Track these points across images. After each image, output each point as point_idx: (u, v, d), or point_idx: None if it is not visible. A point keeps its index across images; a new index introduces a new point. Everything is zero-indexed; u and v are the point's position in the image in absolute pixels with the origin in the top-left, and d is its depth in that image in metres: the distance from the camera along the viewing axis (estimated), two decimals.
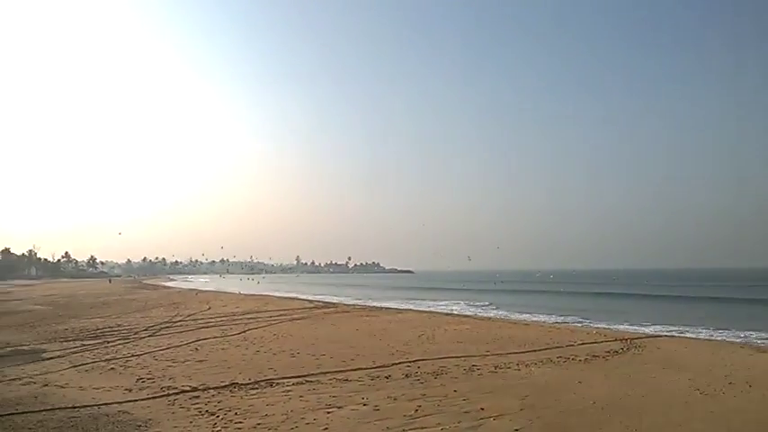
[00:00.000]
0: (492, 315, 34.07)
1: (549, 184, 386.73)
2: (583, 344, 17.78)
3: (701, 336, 23.03)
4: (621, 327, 25.88)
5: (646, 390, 11.09)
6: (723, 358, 15.25)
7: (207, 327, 24.13)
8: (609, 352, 16.12)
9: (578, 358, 14.85)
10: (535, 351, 16.02)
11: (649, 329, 24.79)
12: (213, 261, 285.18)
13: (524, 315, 33.57)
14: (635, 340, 19.02)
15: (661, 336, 21.65)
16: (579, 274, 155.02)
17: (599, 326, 26.05)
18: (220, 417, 9.12)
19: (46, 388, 11.68)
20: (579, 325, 27.01)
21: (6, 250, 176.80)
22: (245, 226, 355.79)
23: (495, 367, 13.39)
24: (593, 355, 15.36)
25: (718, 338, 22.07)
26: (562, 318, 31.42)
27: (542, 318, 31.53)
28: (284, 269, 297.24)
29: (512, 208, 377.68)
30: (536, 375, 12.50)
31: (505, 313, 35.93)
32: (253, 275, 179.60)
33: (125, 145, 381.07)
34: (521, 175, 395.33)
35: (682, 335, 22.90)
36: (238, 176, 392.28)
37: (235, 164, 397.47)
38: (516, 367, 13.43)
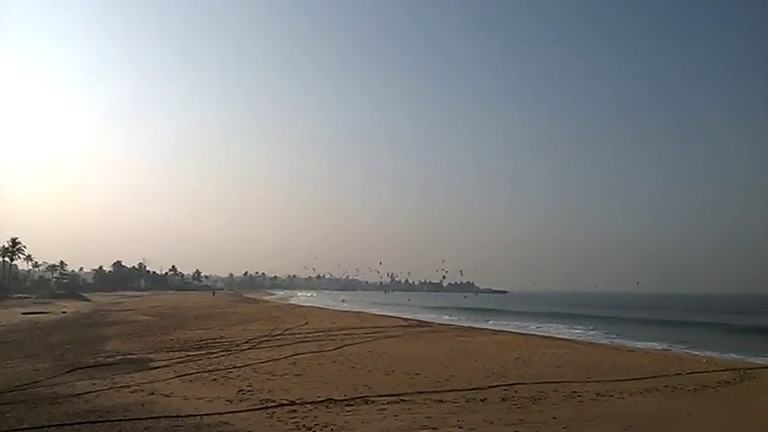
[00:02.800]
0: (593, 340, 32.76)
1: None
2: (692, 373, 16.81)
3: None
4: (732, 356, 24.14)
5: (763, 423, 10.35)
6: None
7: (304, 341, 24.65)
8: (720, 382, 15.19)
9: (687, 388, 14.05)
10: (640, 379, 15.26)
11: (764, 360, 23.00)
12: (309, 277, 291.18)
13: (627, 341, 32.10)
14: (749, 370, 17.77)
15: None
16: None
17: (708, 354, 24.48)
18: None
19: (152, 396, 12.26)
20: (686, 352, 25.48)
21: (118, 263, 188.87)
22: (337, 242, 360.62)
23: (597, 394, 12.85)
24: (704, 386, 14.49)
25: None
26: (668, 345, 29.70)
27: (647, 344, 29.95)
28: (378, 287, 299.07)
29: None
30: (641, 405, 11.91)
31: (607, 338, 34.53)
32: (347, 292, 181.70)
33: (226, 168, 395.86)
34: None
35: None
36: (330, 195, 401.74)
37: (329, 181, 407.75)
38: (620, 395, 12.84)
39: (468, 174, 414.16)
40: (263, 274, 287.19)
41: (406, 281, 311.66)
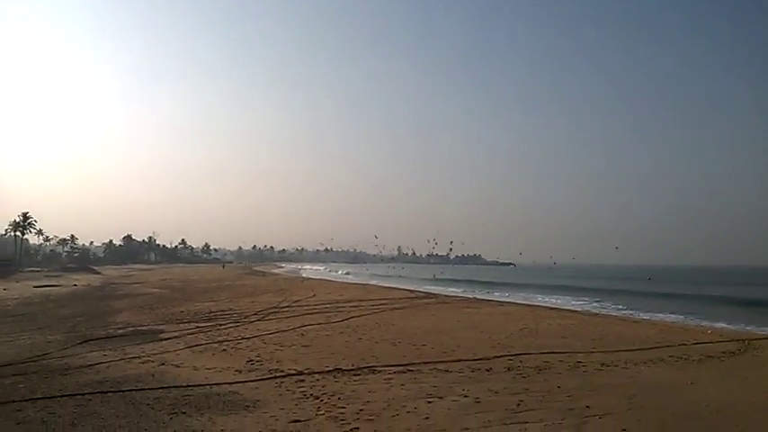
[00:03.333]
0: (599, 311, 32.82)
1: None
2: (697, 343, 16.84)
3: None
4: (739, 327, 24.11)
5: (765, 393, 10.41)
6: None
7: (312, 313, 24.84)
8: (725, 353, 15.21)
9: (691, 358, 14.09)
10: (645, 349, 15.33)
11: None
12: (318, 250, 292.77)
13: (634, 312, 32.10)
14: (753, 341, 17.78)
15: None
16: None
17: (715, 325, 24.50)
18: (324, 401, 9.39)
19: (163, 367, 12.43)
20: (695, 324, 25.49)
21: (128, 237, 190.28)
22: (346, 217, 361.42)
23: (602, 365, 12.94)
24: (708, 356, 14.53)
25: None
26: (675, 317, 29.69)
27: (654, 315, 30.00)
28: (385, 259, 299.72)
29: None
30: (645, 375, 12.00)
31: (614, 310, 34.53)
32: (356, 265, 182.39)
33: (236, 143, 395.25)
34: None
35: None
36: (339, 171, 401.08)
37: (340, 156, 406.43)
38: (624, 365, 12.93)
39: (462, 150, 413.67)
40: (272, 247, 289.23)
41: (413, 253, 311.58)
